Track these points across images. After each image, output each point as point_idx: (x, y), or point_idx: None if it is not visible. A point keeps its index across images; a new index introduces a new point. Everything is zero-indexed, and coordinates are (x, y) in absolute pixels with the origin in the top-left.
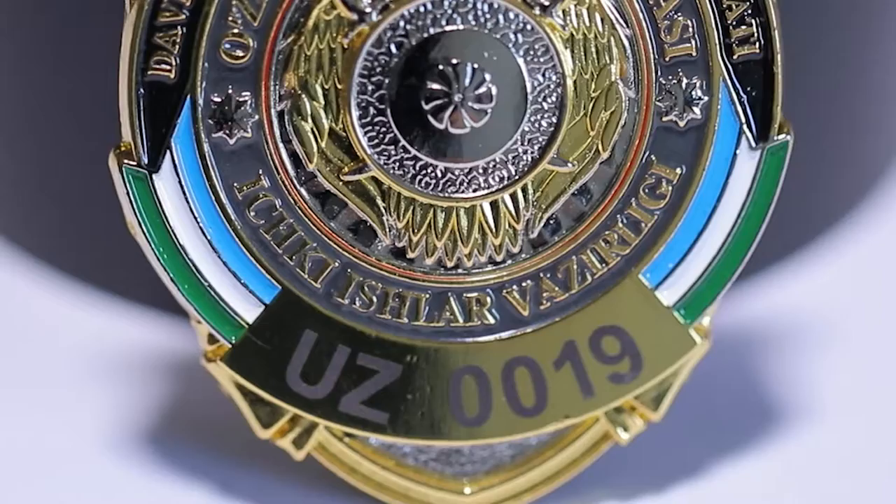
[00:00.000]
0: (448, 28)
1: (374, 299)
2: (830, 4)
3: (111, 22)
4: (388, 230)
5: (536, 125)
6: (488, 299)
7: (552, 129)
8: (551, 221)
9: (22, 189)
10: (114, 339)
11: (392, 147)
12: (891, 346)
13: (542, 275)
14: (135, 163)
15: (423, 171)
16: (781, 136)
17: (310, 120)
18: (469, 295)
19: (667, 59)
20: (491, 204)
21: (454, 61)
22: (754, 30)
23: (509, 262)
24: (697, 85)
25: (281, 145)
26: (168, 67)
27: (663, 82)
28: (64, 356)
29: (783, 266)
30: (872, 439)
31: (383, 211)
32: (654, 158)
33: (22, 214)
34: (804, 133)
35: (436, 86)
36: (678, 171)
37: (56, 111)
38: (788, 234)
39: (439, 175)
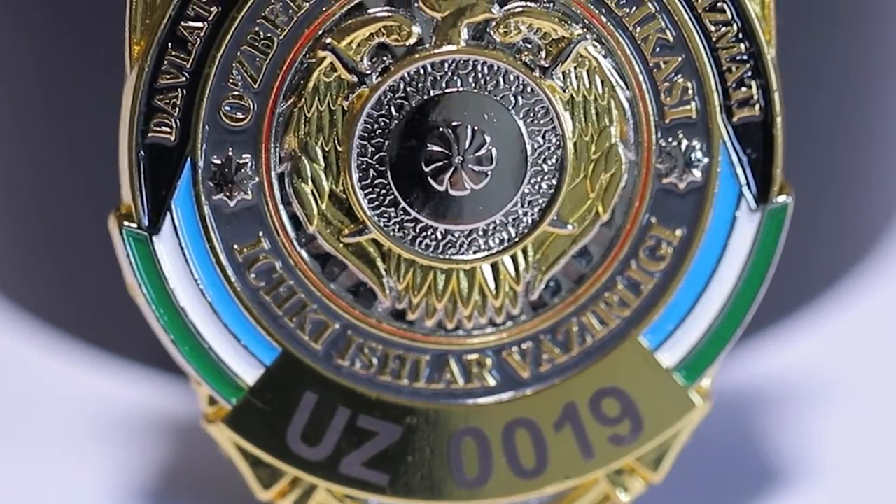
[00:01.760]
0: (448, 90)
1: (375, 361)
2: (830, 66)
3: (112, 83)
4: (388, 292)
5: (536, 187)
6: (488, 361)
7: (552, 191)
8: (551, 283)
9: (22, 249)
10: (114, 399)
11: (392, 209)
12: (892, 407)
13: (542, 336)
14: (135, 225)
15: (424, 233)
16: (781, 198)
17: (310, 182)
18: (469, 357)
19: (667, 120)
20: (491, 266)
21: (454, 123)
22: (754, 92)
23: (509, 323)
24: (697, 147)
25: (281, 207)
26: (168, 129)
27: (663, 144)
28: (64, 416)
29: (783, 327)
30: (873, 501)
31: (383, 273)
32: (654, 220)
33: (22, 274)
34: (804, 193)
35: (436, 148)
36: (678, 232)
37: (56, 172)
38: (788, 294)
39: (439, 237)
